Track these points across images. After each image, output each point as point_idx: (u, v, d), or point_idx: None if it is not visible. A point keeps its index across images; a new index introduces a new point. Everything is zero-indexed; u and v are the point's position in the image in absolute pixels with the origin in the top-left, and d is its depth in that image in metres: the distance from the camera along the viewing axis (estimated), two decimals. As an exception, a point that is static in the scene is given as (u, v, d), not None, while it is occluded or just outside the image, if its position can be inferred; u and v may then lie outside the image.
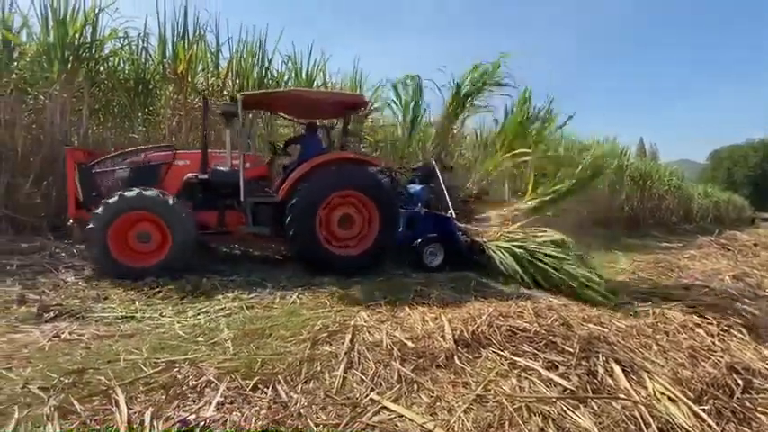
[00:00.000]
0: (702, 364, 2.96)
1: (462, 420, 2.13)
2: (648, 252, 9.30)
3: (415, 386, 2.46)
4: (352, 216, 5.21)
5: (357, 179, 5.22)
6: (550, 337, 3.01)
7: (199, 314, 3.48)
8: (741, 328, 3.67)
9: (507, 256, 5.08)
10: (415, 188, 6.32)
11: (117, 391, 2.15)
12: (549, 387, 2.46)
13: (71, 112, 6.35)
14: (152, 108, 7.22)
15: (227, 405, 2.12)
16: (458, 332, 3.05)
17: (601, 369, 2.66)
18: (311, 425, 2.03)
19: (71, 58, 6.22)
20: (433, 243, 5.74)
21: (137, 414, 2.00)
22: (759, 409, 2.50)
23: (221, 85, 7.58)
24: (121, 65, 7.13)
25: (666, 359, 3.01)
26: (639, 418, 2.24)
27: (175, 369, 2.43)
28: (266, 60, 7.84)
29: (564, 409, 2.25)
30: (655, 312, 3.97)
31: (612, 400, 2.37)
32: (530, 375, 2.57)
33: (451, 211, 5.96)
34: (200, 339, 2.94)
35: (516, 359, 2.74)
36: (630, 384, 2.56)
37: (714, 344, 3.34)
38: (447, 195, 6.15)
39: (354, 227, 5.23)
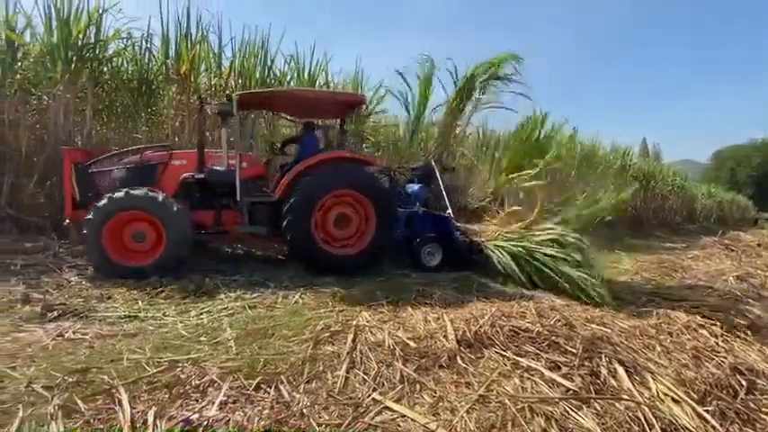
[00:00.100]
0: (706, 364, 2.95)
1: (465, 421, 2.13)
2: (652, 252, 9.27)
3: (418, 386, 2.45)
4: (348, 216, 5.16)
5: (354, 178, 5.15)
6: (553, 337, 3.01)
7: (201, 314, 3.49)
8: (745, 329, 3.65)
9: (505, 255, 5.06)
10: (413, 188, 6.29)
11: (120, 390, 2.16)
12: (552, 387, 2.45)
13: (74, 112, 6.37)
14: (155, 108, 7.25)
15: (229, 405, 2.12)
16: (460, 332, 3.05)
17: (604, 370, 2.65)
18: (314, 425, 2.03)
19: (74, 58, 6.25)
20: (431, 243, 5.71)
21: (140, 413, 2.00)
22: (763, 410, 2.49)
23: (224, 85, 7.58)
24: (125, 65, 7.16)
25: (670, 360, 2.99)
26: (643, 419, 2.23)
27: (178, 368, 2.43)
28: (269, 60, 7.85)
29: (567, 409, 2.25)
30: (658, 313, 3.95)
31: (616, 401, 2.37)
32: (532, 376, 2.56)
33: (449, 211, 5.94)
34: (202, 339, 2.94)
35: (519, 359, 2.74)
36: (634, 385, 2.54)
37: (718, 345, 3.32)
38: (445, 195, 6.13)
39: (351, 226, 5.18)
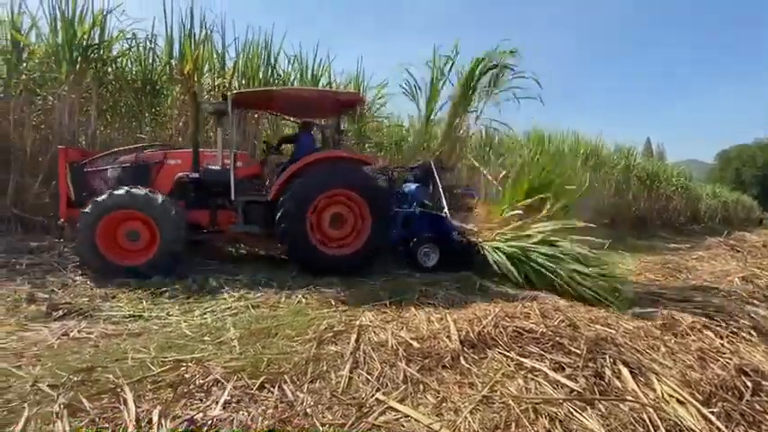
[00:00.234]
0: (711, 366, 2.93)
1: (469, 421, 2.13)
2: (656, 253, 9.23)
3: (421, 387, 2.45)
4: (343, 215, 5.10)
5: (349, 178, 5.10)
6: (557, 338, 2.99)
7: (205, 313, 3.50)
8: (750, 330, 3.62)
9: (501, 255, 5.02)
10: (410, 187, 6.27)
11: (125, 389, 2.17)
12: (556, 388, 2.44)
13: (79, 112, 6.42)
14: (159, 108, 7.29)
15: (233, 404, 2.13)
16: (463, 333, 3.04)
17: (608, 371, 2.64)
18: (317, 425, 2.03)
19: (79, 59, 6.29)
20: (428, 243, 5.67)
21: (145, 412, 2.01)
22: (769, 411, 2.47)
23: (227, 85, 7.60)
24: (129, 66, 7.20)
25: (675, 361, 2.97)
26: (647, 421, 2.21)
27: (183, 368, 2.44)
28: (272, 59, 7.86)
29: (571, 410, 2.24)
30: (663, 314, 3.92)
31: (620, 402, 2.35)
32: (536, 376, 2.56)
33: (446, 211, 5.93)
34: (206, 338, 2.95)
35: (523, 360, 2.73)
36: (638, 386, 2.53)
37: (723, 346, 3.29)
38: (443, 195, 6.11)
39: (346, 226, 5.12)
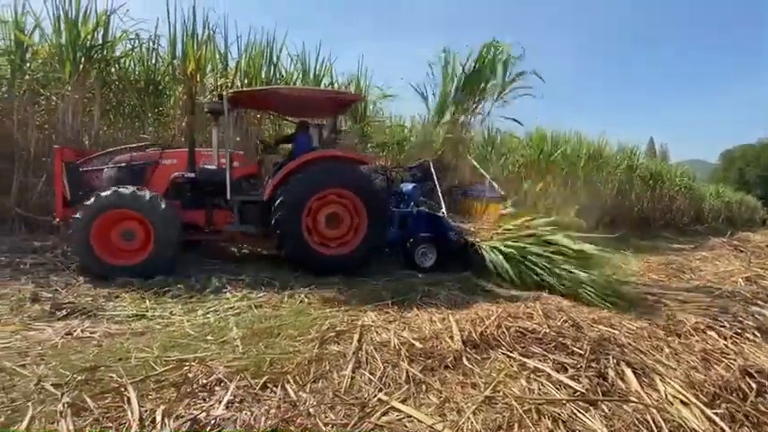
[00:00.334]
0: (715, 367, 2.92)
1: (471, 422, 2.13)
2: (659, 253, 9.18)
3: (424, 387, 2.45)
4: (339, 215, 5.07)
5: (344, 177, 5.07)
6: (560, 338, 2.99)
7: (208, 313, 3.51)
8: (754, 331, 3.60)
9: (497, 255, 5.01)
10: (407, 187, 6.25)
11: (129, 388, 2.17)
12: (559, 389, 2.44)
13: (83, 112, 6.43)
14: (162, 109, 7.30)
15: (236, 404, 2.13)
16: (466, 333, 3.04)
17: (611, 371, 2.64)
18: (320, 425, 2.03)
19: (83, 59, 6.30)
20: (425, 243, 5.63)
21: (148, 412, 2.02)
22: (773, 413, 2.46)
23: (230, 85, 7.60)
24: (132, 66, 7.21)
25: (678, 362, 2.97)
26: (651, 422, 2.21)
27: (186, 367, 2.45)
28: (274, 58, 7.86)
29: (574, 411, 2.23)
30: (666, 315, 3.92)
31: (623, 403, 2.35)
32: (539, 377, 2.55)
33: (443, 210, 5.91)
34: (209, 338, 2.96)
35: (525, 360, 2.73)
36: (642, 387, 2.53)
37: (727, 347, 3.28)
38: (440, 195, 6.10)
39: (342, 226, 5.09)
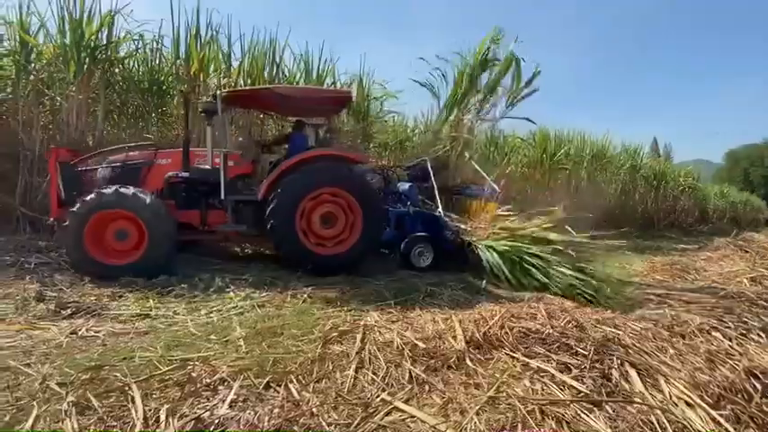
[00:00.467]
0: (720, 368, 2.89)
1: (475, 422, 2.12)
2: (663, 254, 9.15)
3: (427, 387, 2.45)
4: (334, 214, 5.06)
5: (336, 176, 5.06)
6: (563, 339, 2.97)
7: (211, 312, 3.52)
8: (759, 332, 3.57)
9: (494, 254, 4.99)
10: (403, 186, 6.23)
11: (133, 387, 2.18)
12: (563, 389, 2.43)
13: (87, 112, 6.47)
14: (166, 109, 7.33)
15: (240, 403, 2.14)
16: (469, 333, 3.03)
17: (615, 372, 2.62)
18: (323, 424, 2.03)
19: (87, 59, 6.34)
20: (422, 242, 5.61)
21: (152, 411, 2.02)
22: (779, 414, 2.44)
23: (233, 85, 7.63)
24: (136, 66, 7.25)
25: (683, 363, 2.94)
26: (655, 423, 2.19)
27: (189, 367, 2.46)
28: (277, 58, 7.89)
29: (578, 412, 2.22)
30: (671, 315, 3.89)
31: (628, 404, 2.33)
32: (543, 377, 2.54)
33: (440, 210, 5.89)
34: (212, 337, 2.97)
35: (529, 361, 2.71)
36: (646, 388, 2.51)
37: (732, 348, 3.25)
38: (437, 194, 6.09)
39: (338, 225, 5.09)
